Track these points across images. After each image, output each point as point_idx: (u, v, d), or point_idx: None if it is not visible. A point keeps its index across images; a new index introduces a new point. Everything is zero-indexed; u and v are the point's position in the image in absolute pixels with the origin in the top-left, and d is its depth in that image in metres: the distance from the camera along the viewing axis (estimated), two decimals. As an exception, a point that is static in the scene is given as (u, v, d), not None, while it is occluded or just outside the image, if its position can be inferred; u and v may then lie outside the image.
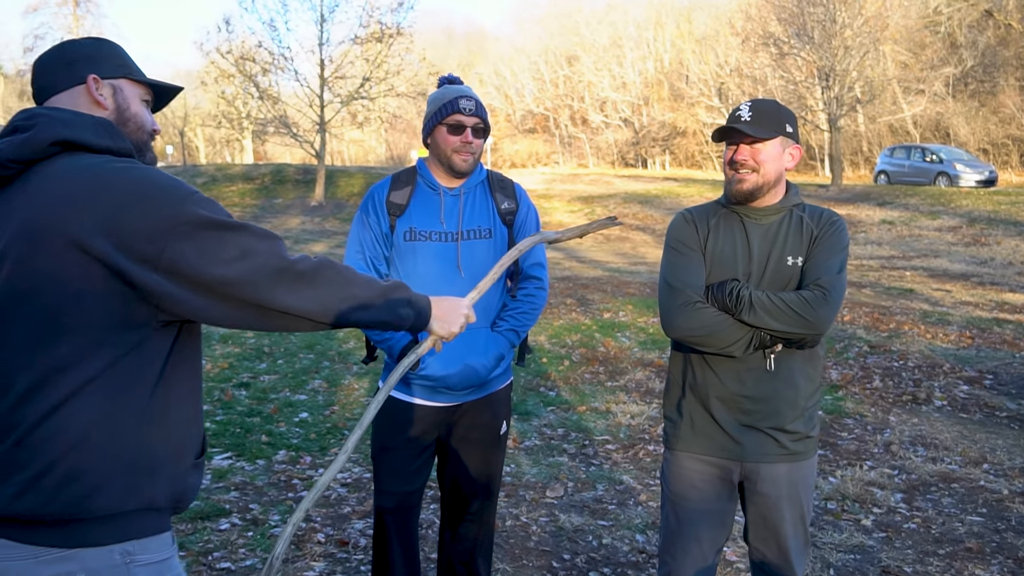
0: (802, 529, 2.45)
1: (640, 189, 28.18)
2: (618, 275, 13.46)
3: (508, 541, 3.82)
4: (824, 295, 2.25)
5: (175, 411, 1.54)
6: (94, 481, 1.43)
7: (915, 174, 25.45)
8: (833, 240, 2.34)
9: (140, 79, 1.64)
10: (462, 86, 2.68)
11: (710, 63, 42.11)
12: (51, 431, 1.42)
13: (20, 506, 1.41)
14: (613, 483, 4.56)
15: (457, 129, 2.59)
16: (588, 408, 5.95)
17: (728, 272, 2.35)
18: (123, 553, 1.47)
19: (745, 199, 2.35)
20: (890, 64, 30.99)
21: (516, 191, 2.75)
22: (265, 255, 1.50)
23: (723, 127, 2.33)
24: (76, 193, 1.43)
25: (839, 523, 4.03)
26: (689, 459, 2.46)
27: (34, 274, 1.44)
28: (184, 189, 1.48)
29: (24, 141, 1.47)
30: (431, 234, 2.62)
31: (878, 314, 9.11)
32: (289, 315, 1.53)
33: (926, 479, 4.62)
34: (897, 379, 6.67)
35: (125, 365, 1.47)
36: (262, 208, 26.80)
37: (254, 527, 3.88)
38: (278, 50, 26.77)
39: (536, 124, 54.33)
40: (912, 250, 16.48)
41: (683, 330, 2.33)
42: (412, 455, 2.69)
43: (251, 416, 5.53)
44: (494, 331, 2.67)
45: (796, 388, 2.36)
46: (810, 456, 2.45)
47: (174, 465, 1.54)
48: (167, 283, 1.44)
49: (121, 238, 1.41)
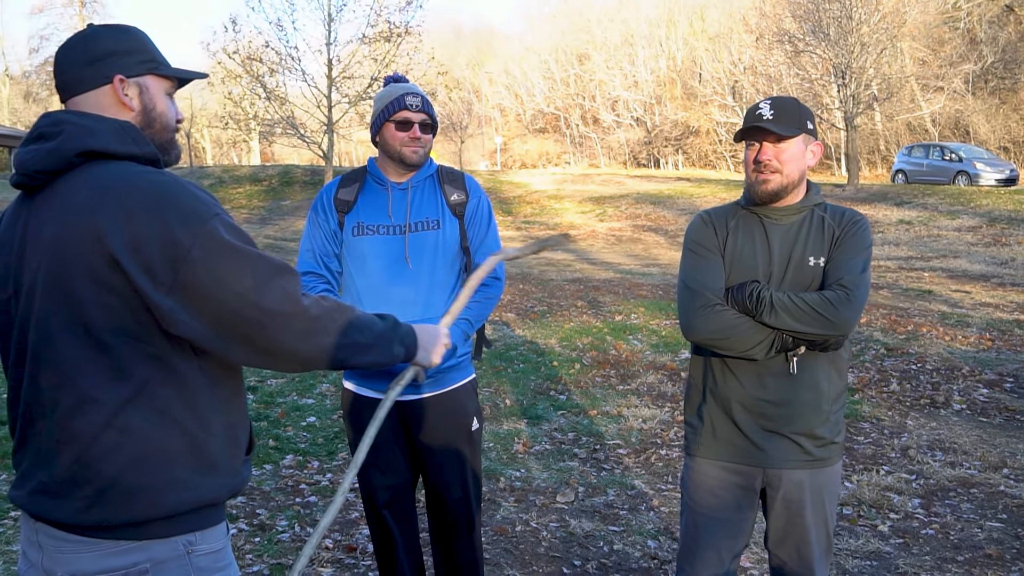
0: (825, 537, 2.41)
1: (652, 189, 28.07)
2: (630, 277, 13.40)
3: (518, 547, 3.79)
4: (847, 295, 2.20)
5: (224, 414, 1.58)
6: (158, 487, 1.49)
7: (934, 173, 25.23)
8: (856, 239, 2.29)
9: (166, 73, 1.61)
10: (408, 83, 2.73)
11: (723, 61, 41.98)
12: (108, 447, 1.46)
13: (89, 519, 1.47)
14: (625, 488, 4.53)
15: (405, 125, 2.63)
16: (599, 412, 5.91)
17: (748, 273, 2.32)
18: (186, 544, 1.53)
19: (770, 200, 2.30)
20: (908, 61, 30.75)
21: (467, 182, 2.77)
22: (278, 294, 1.49)
23: (747, 127, 2.28)
24: (102, 210, 1.43)
25: (855, 529, 3.97)
26: (710, 466, 2.42)
27: (67, 289, 1.46)
28: (208, 209, 1.47)
29: (50, 152, 1.48)
30: (378, 227, 2.66)
31: (895, 316, 9.01)
32: (292, 360, 1.55)
33: (944, 484, 4.56)
34: (915, 382, 6.59)
35: (169, 375, 1.49)
36: (269, 210, 26.89)
37: (261, 532, 3.86)
38: (285, 50, 26.60)
39: (546, 124, 54.35)
40: (930, 250, 16.33)
41: (703, 333, 2.29)
42: (389, 447, 2.71)
43: (258, 420, 5.51)
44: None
45: (820, 392, 2.32)
46: (834, 462, 2.40)
47: (228, 463, 1.58)
48: (178, 308, 1.44)
49: (140, 256, 1.42)
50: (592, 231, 22.51)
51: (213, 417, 1.55)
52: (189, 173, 31.59)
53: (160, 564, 1.50)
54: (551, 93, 53.33)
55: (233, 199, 28.09)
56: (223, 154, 55.03)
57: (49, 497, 1.49)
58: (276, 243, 18.73)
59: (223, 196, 28.34)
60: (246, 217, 25.54)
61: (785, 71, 29.37)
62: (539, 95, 53.68)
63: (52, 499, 1.49)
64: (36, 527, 1.52)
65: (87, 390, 1.46)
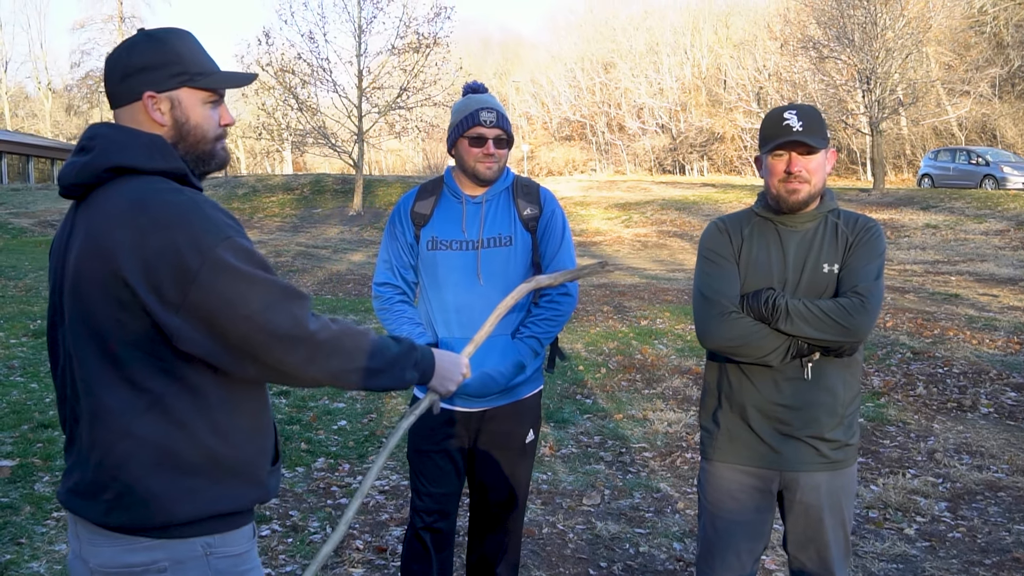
0: (843, 538, 2.42)
1: (678, 195, 27.98)
2: (656, 282, 13.38)
3: (545, 548, 3.82)
4: (862, 302, 2.22)
5: (244, 424, 1.60)
6: (173, 496, 1.52)
7: (960, 177, 24.86)
8: (869, 246, 2.30)
9: (200, 85, 1.60)
10: (484, 96, 2.70)
11: (748, 68, 41.75)
12: (124, 456, 1.51)
13: (111, 521, 1.53)
14: (650, 491, 4.54)
15: (479, 141, 2.62)
16: (625, 416, 5.92)
17: (763, 280, 2.33)
18: (205, 545, 1.56)
19: (799, 209, 2.31)
20: (934, 65, 30.37)
21: (541, 195, 2.74)
22: (285, 318, 1.50)
23: (784, 140, 2.26)
24: (118, 227, 1.47)
25: (881, 532, 3.97)
26: (727, 469, 2.43)
27: (85, 303, 1.51)
28: (219, 232, 1.48)
29: (84, 166, 1.54)
30: (452, 243, 2.67)
31: (922, 320, 8.93)
32: (300, 381, 1.57)
33: (971, 487, 4.53)
34: (941, 386, 6.54)
35: (183, 389, 1.52)
36: (301, 218, 27.17)
37: (294, 533, 3.93)
38: (317, 62, 27.05)
39: (573, 131, 54.35)
40: (957, 254, 16.12)
41: (719, 340, 2.31)
42: (442, 458, 2.72)
43: (291, 424, 5.60)
44: (515, 339, 2.67)
45: (835, 396, 2.33)
46: (850, 464, 2.41)
47: (251, 473, 1.61)
48: (187, 327, 1.47)
49: (149, 276, 1.45)
50: (618, 237, 22.51)
51: (232, 428, 1.57)
52: (224, 183, 31.98)
53: (179, 563, 1.54)
54: (577, 101, 53.35)
55: (266, 207, 28.41)
56: (257, 164, 55.58)
57: (79, 497, 1.56)
58: (308, 250, 18.93)
59: (256, 205, 28.65)
60: (279, 225, 25.83)
61: (810, 77, 29.13)
62: (565, 103, 53.72)
63: (81, 499, 1.55)
64: (75, 519, 1.59)
65: (104, 399, 1.51)
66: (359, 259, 17.72)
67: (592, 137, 52.62)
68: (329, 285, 13.85)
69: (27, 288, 12.31)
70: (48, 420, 5.31)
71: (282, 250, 18.47)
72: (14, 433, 5.11)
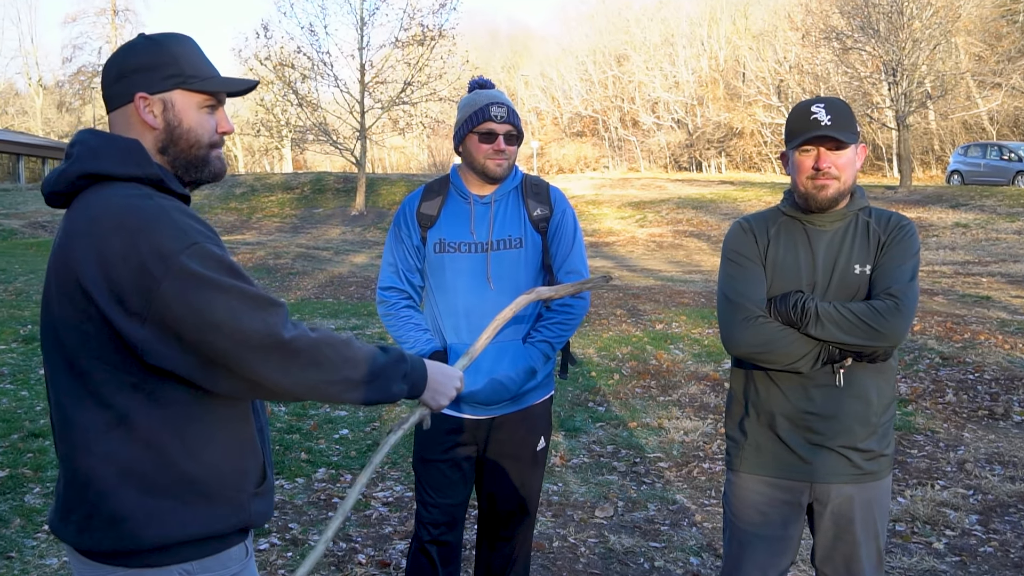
0: (876, 553, 2.35)
1: (694, 193, 27.83)
2: (671, 284, 13.29)
3: (555, 563, 3.75)
4: (896, 304, 2.16)
5: (222, 441, 1.54)
6: (141, 518, 1.47)
7: (992, 173, 24.63)
8: (903, 245, 2.25)
9: (195, 88, 1.57)
10: (493, 91, 2.66)
11: (768, 60, 41.45)
12: (90, 474, 1.47)
13: (81, 543, 1.50)
14: (666, 503, 4.47)
15: (489, 137, 2.57)
16: (639, 424, 5.85)
17: (791, 283, 2.27)
18: (183, 573, 1.51)
19: (828, 207, 2.26)
20: (963, 57, 30.01)
21: (551, 195, 2.70)
22: (257, 325, 1.44)
23: (812, 135, 2.21)
24: (81, 235, 1.44)
25: (909, 546, 3.88)
26: (754, 481, 2.37)
27: (56, 311, 1.49)
28: (184, 238, 1.43)
29: (60, 174, 1.53)
30: (460, 245, 2.63)
31: (951, 323, 8.76)
32: (278, 394, 1.50)
33: (1004, 499, 4.44)
34: (972, 393, 6.42)
35: (152, 405, 1.47)
36: (301, 218, 27.16)
37: (293, 547, 3.86)
38: (317, 55, 26.76)
39: (584, 127, 54.17)
40: (988, 255, 15.95)
41: (745, 346, 2.25)
42: (450, 467, 2.68)
43: (290, 433, 5.51)
44: (526, 344, 2.64)
45: (868, 404, 2.27)
46: (884, 475, 2.35)
47: (228, 496, 1.54)
48: (153, 339, 1.42)
49: (111, 286, 1.41)
50: (632, 237, 22.39)
51: (207, 448, 1.51)
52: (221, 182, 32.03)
53: None
54: (588, 95, 53.08)
55: (265, 207, 28.41)
56: (255, 162, 55.54)
57: (58, 517, 1.54)
58: (309, 252, 18.83)
59: (255, 204, 28.63)
60: (278, 226, 25.83)
61: (832, 69, 28.88)
62: (576, 98, 53.51)
63: (59, 519, 1.53)
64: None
65: (71, 414, 1.48)
66: (362, 261, 17.58)
67: (604, 133, 52.38)
68: (331, 288, 13.80)
69: (17, 292, 12.30)
70: (39, 429, 5.22)
71: (281, 252, 18.30)
72: (3, 443, 5.03)
